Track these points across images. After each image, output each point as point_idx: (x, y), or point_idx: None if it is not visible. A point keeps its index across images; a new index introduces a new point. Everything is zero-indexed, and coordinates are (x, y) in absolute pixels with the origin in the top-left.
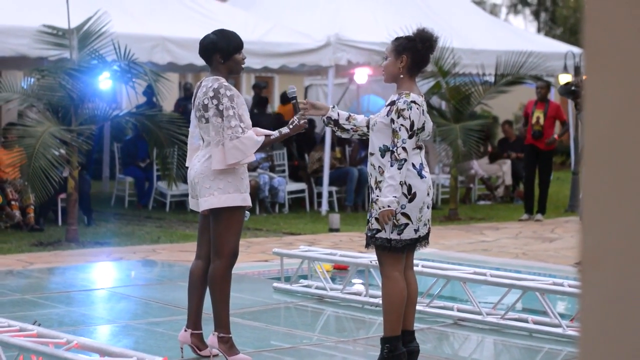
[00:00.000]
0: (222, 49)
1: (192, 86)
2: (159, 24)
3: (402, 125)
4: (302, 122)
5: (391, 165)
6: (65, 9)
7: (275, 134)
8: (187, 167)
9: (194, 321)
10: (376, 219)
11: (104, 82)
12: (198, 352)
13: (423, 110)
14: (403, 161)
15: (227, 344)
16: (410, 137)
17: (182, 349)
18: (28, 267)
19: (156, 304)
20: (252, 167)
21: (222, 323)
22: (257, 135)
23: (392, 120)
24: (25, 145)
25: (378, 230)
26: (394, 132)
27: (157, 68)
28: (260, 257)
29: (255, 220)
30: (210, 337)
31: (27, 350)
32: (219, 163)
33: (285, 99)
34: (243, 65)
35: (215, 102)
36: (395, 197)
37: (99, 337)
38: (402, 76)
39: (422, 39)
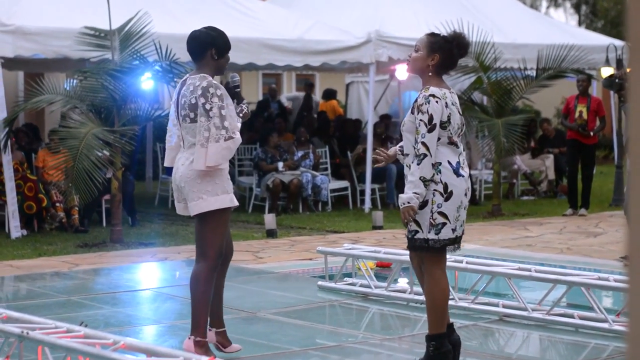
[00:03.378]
0: (218, 45)
1: None
2: (200, 23)
3: (421, 120)
4: (248, 109)
5: (412, 162)
6: (107, 10)
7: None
8: (165, 167)
9: (217, 319)
10: (414, 220)
11: (146, 82)
12: (223, 349)
13: (446, 103)
14: (422, 156)
15: (203, 348)
16: (429, 131)
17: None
18: (74, 269)
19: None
20: (294, 166)
21: (199, 326)
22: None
23: (415, 118)
24: (69, 147)
25: (417, 232)
26: (416, 129)
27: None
28: (304, 256)
29: (299, 218)
30: (186, 342)
31: (74, 351)
32: (202, 164)
33: (329, 94)
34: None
35: (202, 100)
36: (415, 193)
37: (145, 338)
38: (430, 74)
39: (459, 44)
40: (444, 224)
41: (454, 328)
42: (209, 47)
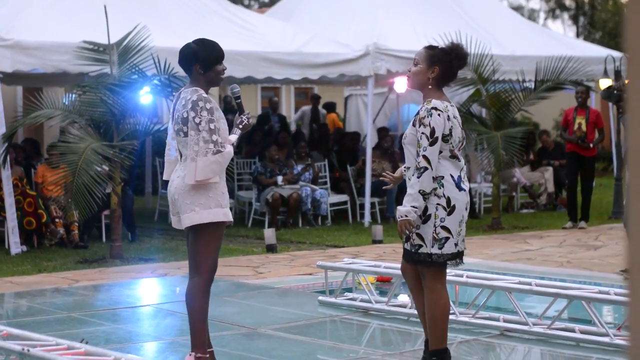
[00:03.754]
0: (202, 59)
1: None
2: (199, 36)
3: (422, 133)
4: (250, 120)
5: (412, 175)
6: (105, 24)
7: (235, 138)
8: (164, 181)
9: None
10: (417, 234)
11: (145, 96)
12: None
13: (448, 116)
14: (423, 169)
15: None
16: (431, 144)
17: None
18: (73, 285)
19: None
20: (294, 180)
21: (200, 342)
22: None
23: (417, 130)
24: (68, 162)
25: (420, 246)
26: (417, 142)
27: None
28: (304, 271)
29: (299, 233)
30: (187, 358)
31: None
32: (192, 178)
33: (328, 107)
34: (223, 77)
35: (192, 114)
36: (413, 206)
37: (146, 354)
38: (430, 87)
39: (457, 55)
40: (447, 238)
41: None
42: (192, 62)
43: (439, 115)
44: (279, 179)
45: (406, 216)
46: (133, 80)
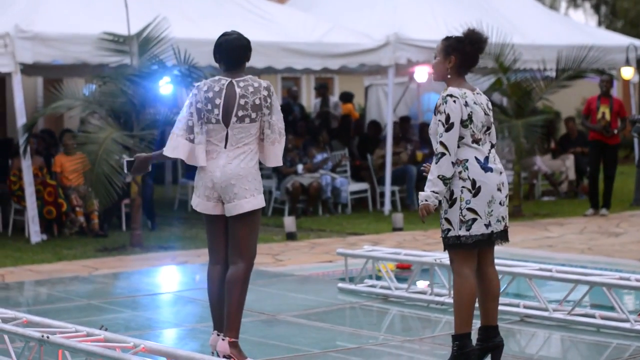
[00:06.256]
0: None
1: None
2: (219, 27)
3: (439, 120)
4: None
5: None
6: (125, 15)
7: None
8: (185, 171)
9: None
10: (446, 219)
11: (165, 87)
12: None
13: (466, 102)
14: (440, 155)
15: (237, 349)
16: (447, 130)
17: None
18: (93, 273)
19: None
20: (314, 169)
21: (236, 327)
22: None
23: (436, 119)
24: (88, 152)
25: (449, 230)
26: (436, 129)
27: (217, 72)
28: (324, 258)
29: (319, 221)
30: (221, 343)
31: (94, 354)
32: (280, 160)
33: (345, 97)
34: None
35: (271, 100)
36: (434, 192)
37: (165, 341)
38: (449, 76)
39: (471, 40)
40: (474, 219)
41: (498, 331)
42: (248, 51)
43: (454, 102)
44: (299, 167)
45: (426, 201)
46: (153, 71)
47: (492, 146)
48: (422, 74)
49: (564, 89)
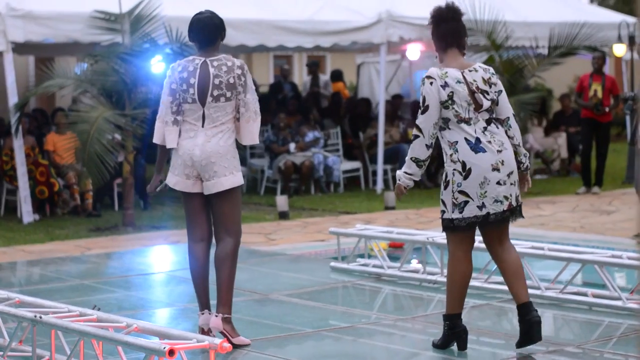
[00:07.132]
0: (224, 29)
1: None
2: (210, 5)
3: (419, 103)
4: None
5: None
6: None
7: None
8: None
9: (207, 302)
10: (442, 201)
11: (157, 65)
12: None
13: (446, 82)
14: (414, 137)
15: (230, 325)
16: (422, 112)
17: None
18: (86, 253)
19: (214, 287)
20: (305, 147)
21: (228, 303)
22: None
23: None
24: (79, 132)
25: (444, 212)
26: None
27: None
28: (316, 237)
29: (311, 200)
30: (214, 319)
31: (87, 334)
32: (255, 139)
33: (335, 76)
34: None
35: (244, 79)
36: (406, 172)
37: (158, 321)
38: (436, 57)
39: (434, 14)
40: (467, 202)
41: (532, 307)
42: (222, 30)
43: (430, 83)
44: (292, 146)
45: (399, 180)
46: (145, 50)
47: (492, 123)
48: (414, 51)
49: (556, 66)
